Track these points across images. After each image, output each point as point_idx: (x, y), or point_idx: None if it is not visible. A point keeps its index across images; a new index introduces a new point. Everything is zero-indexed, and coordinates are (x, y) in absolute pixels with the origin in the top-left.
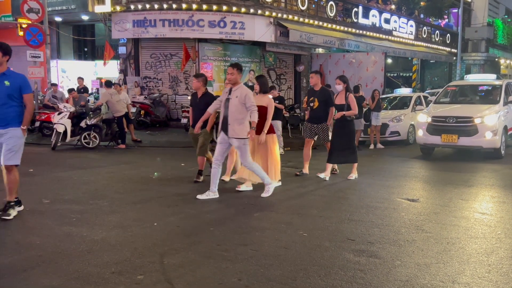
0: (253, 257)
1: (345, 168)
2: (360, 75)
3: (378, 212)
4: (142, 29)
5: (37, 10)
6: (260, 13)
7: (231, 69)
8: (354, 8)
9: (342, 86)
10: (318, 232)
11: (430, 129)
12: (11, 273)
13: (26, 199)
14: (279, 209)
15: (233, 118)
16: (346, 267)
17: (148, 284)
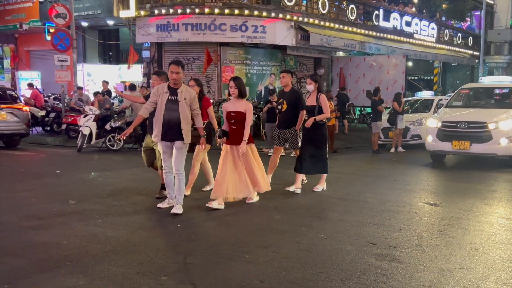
0: (274, 260)
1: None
2: (380, 78)
3: (400, 216)
4: (165, 33)
5: (64, 15)
6: (281, 17)
7: (175, 67)
8: (375, 11)
9: (314, 86)
10: (339, 236)
11: (440, 135)
12: (38, 272)
13: (53, 200)
14: (299, 212)
15: (185, 122)
16: (368, 271)
17: (172, 284)
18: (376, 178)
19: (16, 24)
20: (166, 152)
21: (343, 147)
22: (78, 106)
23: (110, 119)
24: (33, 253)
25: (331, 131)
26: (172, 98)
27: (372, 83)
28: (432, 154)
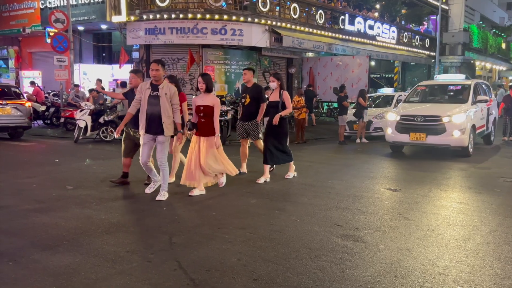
0: (251, 240)
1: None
2: (346, 76)
3: (363, 201)
4: (153, 36)
5: (62, 20)
6: (256, 21)
7: (155, 65)
8: (341, 16)
9: (276, 83)
10: (308, 218)
11: (399, 127)
12: (39, 250)
13: (52, 186)
14: (273, 197)
15: (166, 116)
16: (335, 250)
17: (158, 262)
18: (342, 167)
19: (19, 28)
20: (147, 144)
21: (312, 139)
22: (75, 102)
23: (103, 113)
24: (34, 233)
25: (302, 124)
26: (153, 93)
27: (339, 80)
28: (391, 145)
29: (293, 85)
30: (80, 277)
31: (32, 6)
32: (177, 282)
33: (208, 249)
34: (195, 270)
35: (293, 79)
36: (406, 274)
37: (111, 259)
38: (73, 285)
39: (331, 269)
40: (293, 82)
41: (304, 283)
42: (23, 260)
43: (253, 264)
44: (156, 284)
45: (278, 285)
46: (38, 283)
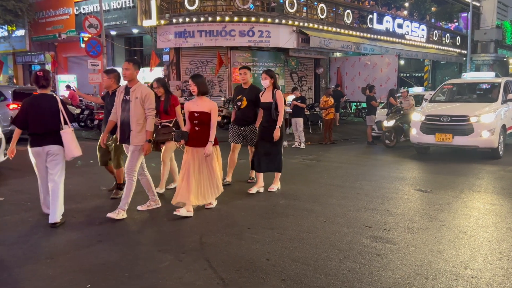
0: (279, 240)
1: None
2: (375, 75)
3: (393, 202)
4: (182, 40)
5: (96, 25)
6: (284, 22)
7: (126, 64)
8: (369, 15)
9: (269, 81)
10: (337, 219)
11: (424, 128)
12: (75, 249)
13: (88, 186)
14: (301, 197)
15: (134, 123)
16: (364, 252)
17: (189, 261)
18: (371, 167)
19: (55, 34)
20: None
21: (340, 139)
22: None
23: None
24: (70, 232)
25: (330, 124)
26: (125, 97)
27: (367, 80)
28: (416, 146)
29: (321, 85)
30: (114, 275)
31: (67, 12)
32: (207, 281)
33: (238, 249)
34: (225, 269)
35: (320, 80)
36: (437, 276)
37: (144, 258)
38: (107, 283)
39: (360, 270)
40: (320, 82)
41: (332, 284)
42: (60, 258)
43: (282, 264)
44: (187, 283)
45: (306, 285)
46: (74, 280)
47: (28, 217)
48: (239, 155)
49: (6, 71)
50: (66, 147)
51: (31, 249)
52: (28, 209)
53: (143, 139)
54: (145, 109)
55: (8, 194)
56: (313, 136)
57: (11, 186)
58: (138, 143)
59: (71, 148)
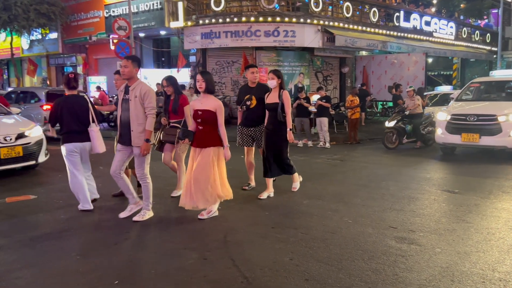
0: (303, 240)
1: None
2: (401, 74)
3: (419, 203)
4: (208, 41)
5: (124, 27)
6: (309, 22)
7: (124, 61)
8: (396, 13)
9: (276, 81)
10: (362, 220)
11: (449, 127)
12: (104, 246)
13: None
14: (325, 197)
15: (135, 123)
16: (388, 253)
17: (213, 259)
18: (397, 167)
19: (86, 37)
20: (120, 152)
21: (366, 139)
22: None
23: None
24: (100, 229)
25: (355, 124)
26: (125, 97)
27: (393, 79)
28: (441, 147)
29: (346, 85)
30: (141, 271)
31: (97, 15)
32: (231, 279)
33: (261, 248)
34: (249, 268)
35: (346, 79)
36: (464, 278)
37: (170, 256)
38: (134, 279)
39: (384, 271)
40: (346, 81)
41: (356, 284)
42: (89, 254)
43: (305, 264)
44: (211, 281)
45: (330, 286)
46: (103, 276)
47: (60, 214)
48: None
49: (40, 73)
50: (92, 143)
51: (62, 246)
52: (60, 207)
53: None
54: (145, 108)
55: (41, 192)
56: (338, 136)
57: (45, 184)
58: (139, 144)
59: (96, 145)
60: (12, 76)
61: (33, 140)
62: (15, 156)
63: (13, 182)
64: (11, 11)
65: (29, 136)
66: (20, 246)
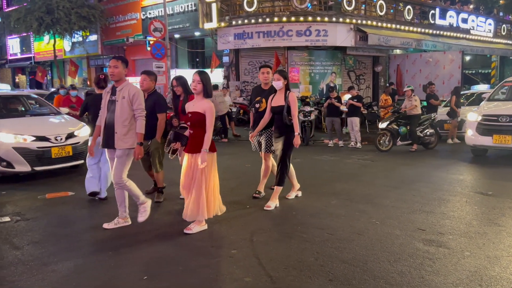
0: (329, 240)
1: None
2: (437, 73)
3: (450, 205)
4: (241, 41)
5: (160, 29)
6: (341, 21)
7: (113, 61)
8: (431, 10)
9: (282, 82)
10: (390, 221)
11: (480, 129)
12: (138, 241)
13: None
14: (354, 198)
15: (119, 125)
16: (415, 255)
17: (239, 257)
18: (429, 168)
19: (124, 38)
20: (111, 160)
21: None
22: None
23: None
24: (131, 226)
25: None
26: (112, 98)
27: (429, 78)
28: (472, 149)
29: (379, 84)
30: (169, 268)
31: (134, 17)
32: (256, 277)
33: (287, 247)
34: (274, 267)
35: (379, 78)
36: (492, 283)
37: (197, 253)
38: (162, 275)
39: (410, 274)
40: (379, 80)
41: (381, 286)
42: (121, 250)
43: (330, 264)
44: (237, 279)
45: (354, 287)
46: (133, 272)
47: (96, 211)
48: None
49: (81, 74)
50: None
51: (95, 242)
52: (96, 204)
53: (130, 142)
54: (134, 110)
55: (79, 189)
56: (370, 136)
57: (83, 182)
58: (123, 147)
59: None
60: (55, 77)
61: (82, 139)
62: (65, 155)
63: (56, 179)
64: (54, 14)
65: (78, 136)
66: (56, 241)
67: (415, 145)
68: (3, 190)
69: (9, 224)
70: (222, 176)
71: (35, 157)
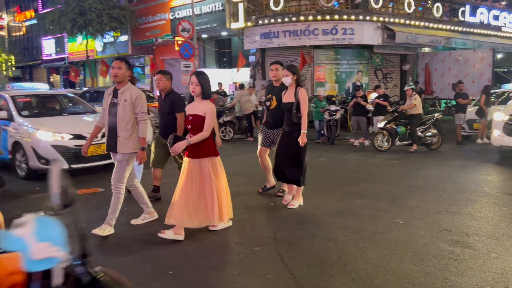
0: (352, 239)
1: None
2: (466, 71)
3: (478, 206)
4: (267, 40)
5: (188, 29)
6: (368, 19)
7: (118, 63)
8: (461, 7)
9: (291, 78)
10: (414, 221)
11: (508, 129)
12: (160, 238)
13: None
14: (378, 198)
15: (122, 128)
16: (440, 256)
17: (262, 255)
18: (457, 168)
19: (153, 39)
20: None
21: None
22: None
23: (222, 115)
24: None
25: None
26: (113, 100)
27: (458, 76)
28: (499, 150)
29: (407, 82)
30: (193, 264)
31: (163, 18)
32: (279, 275)
33: (310, 246)
34: (296, 265)
35: (407, 76)
36: None
37: (221, 250)
38: (186, 271)
39: (434, 274)
40: (407, 79)
41: (403, 286)
42: (147, 246)
43: (353, 263)
44: (259, 276)
45: (376, 286)
46: (159, 267)
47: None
48: (318, 153)
49: None
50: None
51: (124, 237)
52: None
53: (132, 147)
54: (137, 114)
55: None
56: None
57: None
58: (126, 151)
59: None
60: (88, 76)
61: None
62: (100, 153)
63: (89, 176)
64: (87, 16)
65: None
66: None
67: (414, 146)
68: (37, 186)
69: None
70: (248, 174)
71: (72, 155)
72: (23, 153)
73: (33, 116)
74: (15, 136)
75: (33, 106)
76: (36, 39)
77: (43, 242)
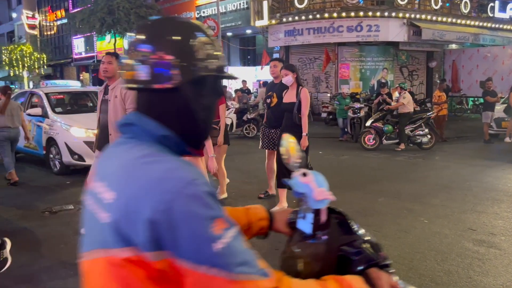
0: (374, 237)
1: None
2: (495, 68)
3: (504, 205)
4: (291, 38)
5: (213, 27)
6: (394, 15)
7: (108, 57)
8: (490, 3)
9: (292, 76)
10: (438, 220)
11: None
12: None
13: None
14: (402, 196)
15: (114, 126)
16: (464, 255)
17: None
18: (483, 167)
19: None
20: None
21: (454, 137)
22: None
23: (246, 112)
24: None
25: (442, 121)
26: (104, 97)
27: (486, 74)
28: None
29: (434, 80)
30: None
31: (189, 16)
32: None
33: None
34: None
35: (433, 73)
36: None
37: None
38: None
39: (458, 273)
40: (433, 76)
41: (426, 285)
42: None
43: None
44: None
45: None
46: None
47: None
48: (342, 150)
49: None
50: None
51: None
52: None
53: None
54: (127, 109)
55: None
56: None
57: None
58: None
59: None
60: None
61: None
62: None
63: None
64: (115, 15)
65: None
66: None
67: (402, 145)
68: (68, 180)
69: (72, 211)
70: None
71: None
72: (56, 149)
73: (66, 112)
74: (49, 132)
75: (65, 103)
76: (66, 38)
77: (321, 188)
